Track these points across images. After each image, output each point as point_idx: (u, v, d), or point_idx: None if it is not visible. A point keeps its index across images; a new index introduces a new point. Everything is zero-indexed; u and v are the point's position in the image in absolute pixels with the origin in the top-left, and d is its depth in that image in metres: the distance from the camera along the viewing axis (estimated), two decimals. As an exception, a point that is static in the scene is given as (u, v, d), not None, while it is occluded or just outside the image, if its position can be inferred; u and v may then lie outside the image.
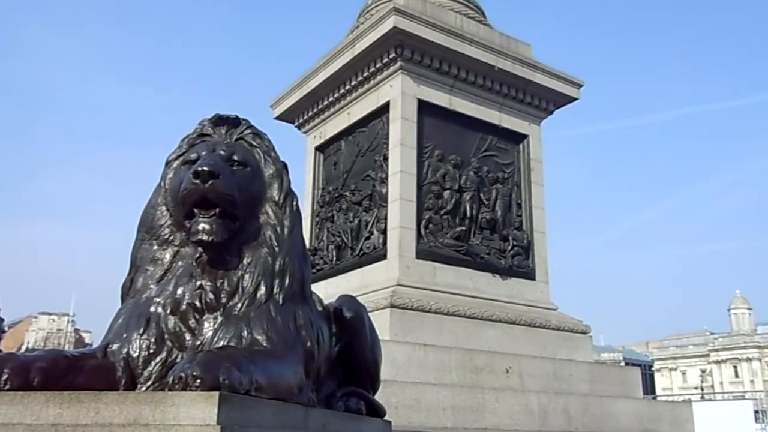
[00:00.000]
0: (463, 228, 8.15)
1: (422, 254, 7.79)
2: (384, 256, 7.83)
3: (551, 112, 9.52)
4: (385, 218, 7.95)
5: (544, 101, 9.30)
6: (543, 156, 9.32)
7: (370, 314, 3.38)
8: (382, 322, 6.35)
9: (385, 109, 8.40)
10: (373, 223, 8.18)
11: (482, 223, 8.35)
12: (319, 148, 9.72)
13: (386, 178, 8.10)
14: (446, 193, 8.15)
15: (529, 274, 8.65)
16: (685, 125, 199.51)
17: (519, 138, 9.14)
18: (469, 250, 8.11)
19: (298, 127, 10.18)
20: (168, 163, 2.76)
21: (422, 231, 7.89)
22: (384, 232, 7.94)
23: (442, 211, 8.07)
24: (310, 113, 9.74)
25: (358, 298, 3.38)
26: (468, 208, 8.25)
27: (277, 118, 10.23)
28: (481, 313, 7.59)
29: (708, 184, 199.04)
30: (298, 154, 10.19)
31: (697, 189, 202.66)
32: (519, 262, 8.56)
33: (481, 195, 8.45)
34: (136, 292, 2.55)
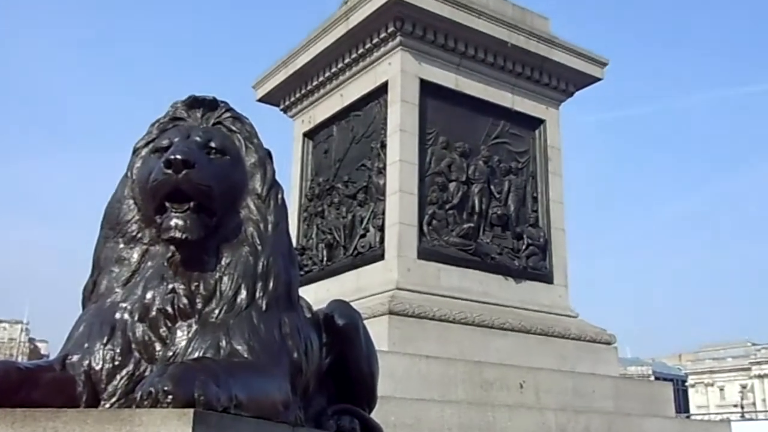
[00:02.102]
0: (471, 224, 8.16)
1: (425, 254, 7.81)
2: (381, 256, 7.85)
3: (571, 94, 9.54)
4: (383, 213, 7.96)
5: (563, 82, 9.32)
6: (562, 143, 9.36)
7: (365, 322, 3.39)
8: (379, 331, 6.36)
9: (382, 90, 8.40)
10: (369, 219, 8.20)
11: (493, 219, 8.37)
12: (308, 134, 9.72)
13: (384, 167, 8.11)
14: (452, 185, 8.17)
15: (546, 277, 8.69)
16: (723, 108, 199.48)
17: (535, 123, 9.16)
18: (477, 249, 8.13)
19: (284, 111, 10.18)
20: (135, 151, 2.75)
21: (425, 228, 7.91)
22: (381, 228, 7.96)
23: (448, 206, 8.09)
24: (298, 95, 9.74)
25: (352, 304, 3.38)
26: (477, 202, 8.27)
27: (260, 100, 10.23)
28: (492, 321, 7.61)
29: (754, 173, 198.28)
30: (284, 141, 10.20)
31: (741, 179, 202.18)
32: (534, 263, 8.59)
33: (492, 187, 8.47)
34: (100, 296, 2.54)
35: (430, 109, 8.32)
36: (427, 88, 8.33)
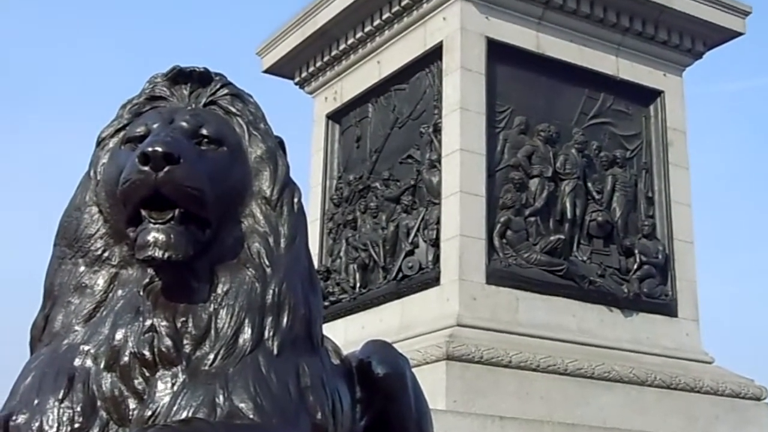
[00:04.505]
0: (562, 236, 8.13)
1: (496, 277, 7.80)
2: (436, 281, 7.86)
3: (699, 56, 9.47)
4: (438, 222, 7.98)
5: (687, 38, 9.26)
6: (687, 124, 9.25)
7: (415, 370, 3.39)
8: (434, 383, 6.38)
9: (435, 54, 8.43)
10: (418, 230, 8.21)
11: (591, 228, 8.33)
12: (334, 116, 9.78)
13: (439, 160, 8.12)
14: (534, 183, 8.15)
15: (668, 307, 8.61)
16: None
17: (648, 96, 9.12)
18: (570, 270, 8.09)
19: (300, 85, 10.26)
20: (101, 142, 2.79)
21: (496, 241, 7.90)
22: (436, 243, 7.96)
23: (528, 211, 8.08)
24: (319, 63, 9.81)
25: (396, 345, 3.39)
26: (569, 205, 8.24)
27: (268, 71, 10.34)
28: (591, 368, 7.56)
29: None
30: (302, 126, 10.28)
31: None
32: (650, 289, 8.51)
33: (590, 185, 8.44)
34: (54, 336, 2.57)
35: (502, 79, 8.31)
36: (498, 51, 8.31)
